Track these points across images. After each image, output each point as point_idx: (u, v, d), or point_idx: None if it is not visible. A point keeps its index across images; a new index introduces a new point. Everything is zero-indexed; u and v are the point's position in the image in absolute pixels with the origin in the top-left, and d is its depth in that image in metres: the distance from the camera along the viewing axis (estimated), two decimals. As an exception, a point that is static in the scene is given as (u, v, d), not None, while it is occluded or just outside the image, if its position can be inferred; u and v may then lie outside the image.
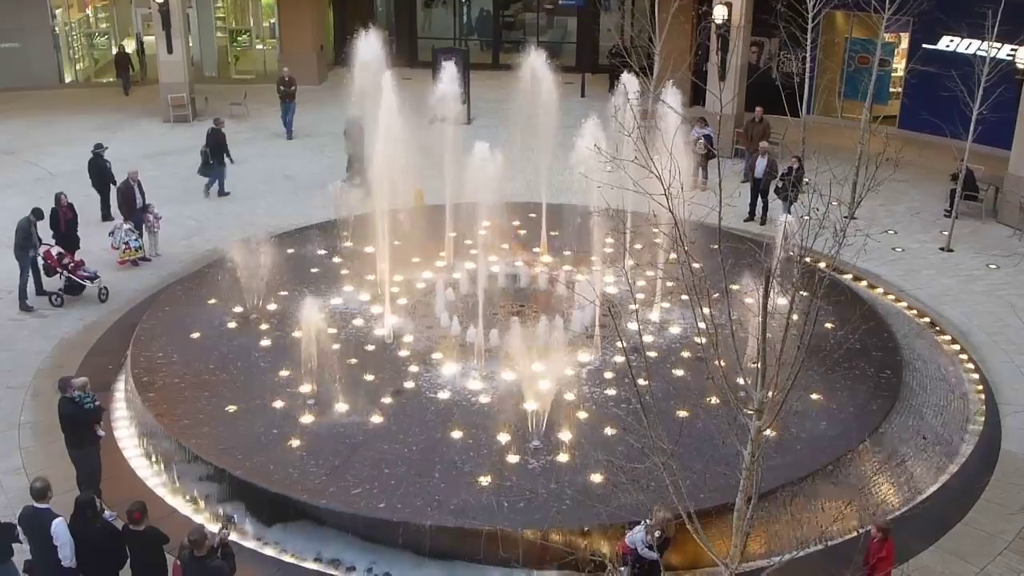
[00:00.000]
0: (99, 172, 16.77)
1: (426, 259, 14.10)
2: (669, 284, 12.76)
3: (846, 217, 5.92)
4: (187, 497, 9.83)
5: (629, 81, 13.42)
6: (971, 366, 12.86)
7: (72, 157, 19.00)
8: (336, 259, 14.33)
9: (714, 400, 10.00)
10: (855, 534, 8.99)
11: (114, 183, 16.50)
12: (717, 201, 5.50)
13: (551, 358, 10.65)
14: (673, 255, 7.13)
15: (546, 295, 12.85)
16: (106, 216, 16.77)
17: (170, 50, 22.96)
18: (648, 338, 12.01)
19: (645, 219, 6.47)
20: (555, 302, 12.73)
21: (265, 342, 12.12)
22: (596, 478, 9.37)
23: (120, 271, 15.03)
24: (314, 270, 13.93)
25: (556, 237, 14.66)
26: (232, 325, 12.52)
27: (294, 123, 22.50)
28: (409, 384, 11.16)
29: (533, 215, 15.14)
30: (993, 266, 15.71)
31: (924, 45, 21.95)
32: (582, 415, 10.45)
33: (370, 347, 12.01)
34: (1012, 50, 17.37)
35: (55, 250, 14.25)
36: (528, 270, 13.37)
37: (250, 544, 9.15)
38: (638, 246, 9.77)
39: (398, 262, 13.29)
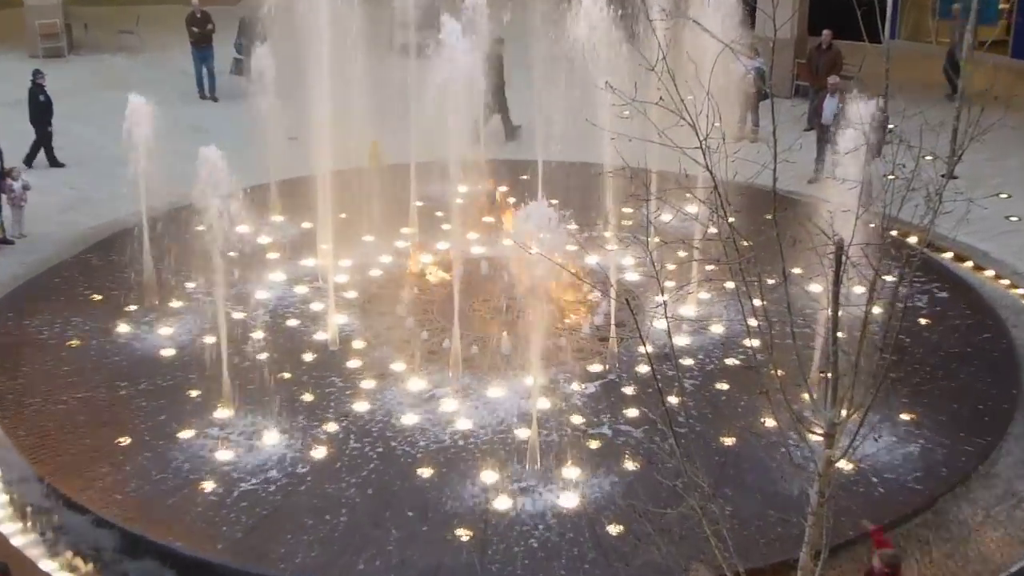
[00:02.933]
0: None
1: (383, 237, 14.37)
2: (708, 268, 12.73)
3: (943, 176, 5.99)
4: (67, 560, 9.88)
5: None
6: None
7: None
8: (263, 238, 14.51)
9: (769, 422, 10.16)
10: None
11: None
12: (771, 156, 5.59)
13: (551, 369, 10.87)
14: (713, 229, 6.94)
15: (543, 284, 11.83)
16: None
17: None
18: (681, 341, 12.11)
19: (675, 181, 6.58)
20: (556, 294, 12.70)
21: (168, 351, 12.27)
22: (613, 528, 9.53)
23: (-31, 258, 14.87)
24: (232, 254, 13.53)
25: (557, 206, 14.21)
26: (123, 329, 12.65)
27: (217, 79, 22.14)
28: (360, 406, 11.34)
29: (526, 176, 15.44)
30: None
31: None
32: (593, 444, 10.59)
33: (309, 357, 12.24)
34: None
35: None
36: (518, 251, 12.80)
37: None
38: (666, 217, 9.14)
39: (346, 242, 13.58)
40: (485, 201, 15.18)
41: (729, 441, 10.50)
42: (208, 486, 10.11)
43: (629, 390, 11.40)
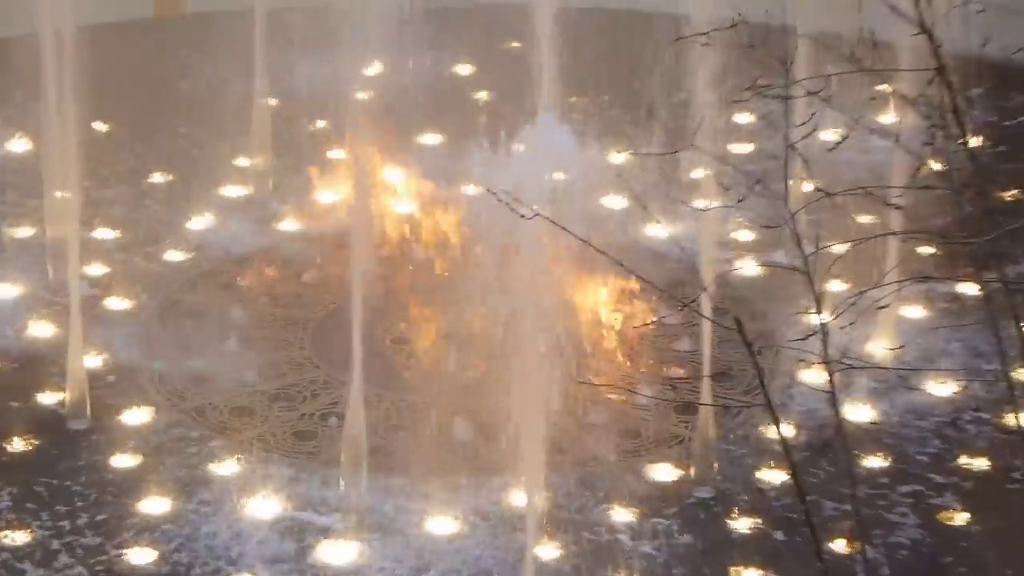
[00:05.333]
0: None
1: (193, 179, 13.12)
2: (922, 252, 11.38)
3: None
4: None
5: None
6: None
7: None
8: None
9: None
10: None
11: None
12: None
13: (567, 478, 9.98)
14: (933, 163, 5.54)
15: (552, 287, 10.95)
16: None
17: None
18: (861, 411, 10.74)
19: (846, 54, 5.38)
20: (580, 309, 11.74)
21: None
22: None
23: None
24: None
25: (581, 109, 14.50)
26: None
27: None
28: (141, 556, 9.67)
29: (515, 43, 14.43)
30: None
31: None
32: None
33: (24, 444, 10.43)
34: None
35: None
36: (496, 211, 10.14)
37: None
38: (829, 134, 8.85)
39: (106, 186, 12.67)
40: (425, 101, 13.94)
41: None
42: None
43: (743, 525, 9.85)
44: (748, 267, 12.34)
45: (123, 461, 10.40)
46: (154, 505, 10.11)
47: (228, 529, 10.09)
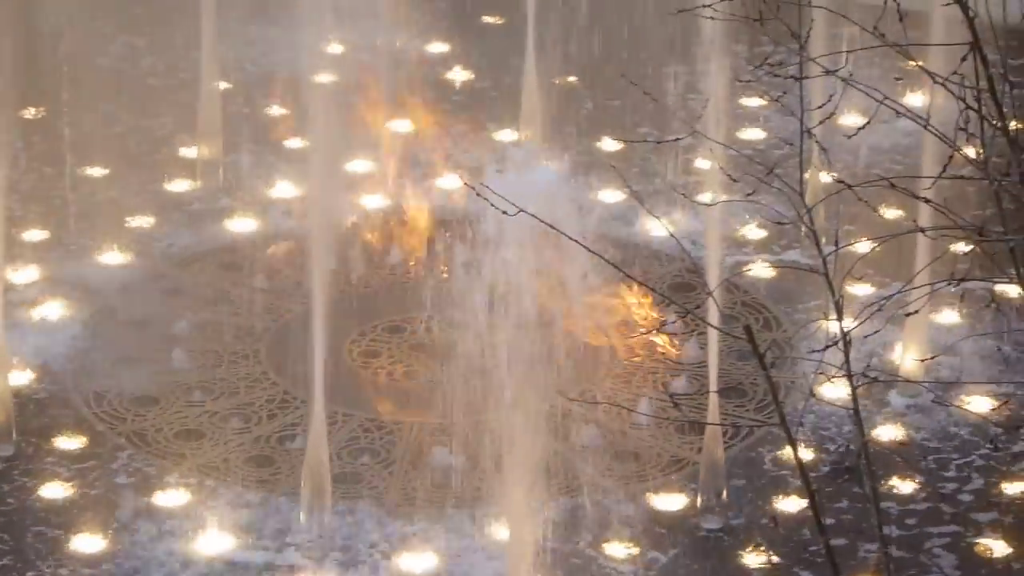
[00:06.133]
0: None
1: (128, 179, 12.81)
2: (956, 251, 8.82)
3: None
4: None
5: None
6: None
7: None
8: None
9: None
10: None
11: None
12: None
13: (558, 505, 9.79)
14: (968, 149, 5.39)
15: (540, 291, 10.72)
16: None
17: None
18: (887, 430, 10.73)
19: (874, 26, 5.35)
20: (572, 315, 11.48)
21: None
22: None
23: None
24: None
25: (580, 90, 14.63)
26: None
27: None
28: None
29: (497, 18, 14.82)
30: None
31: None
32: None
33: None
34: None
35: None
36: (478, 208, 10.39)
37: None
38: (851, 123, 7.94)
39: (35, 193, 12.60)
40: (394, 83, 13.57)
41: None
42: None
43: (753, 561, 9.82)
44: (759, 268, 12.27)
45: (52, 491, 10.13)
46: (86, 543, 9.86)
47: (165, 569, 9.88)
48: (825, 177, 11.84)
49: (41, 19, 14.47)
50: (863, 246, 8.51)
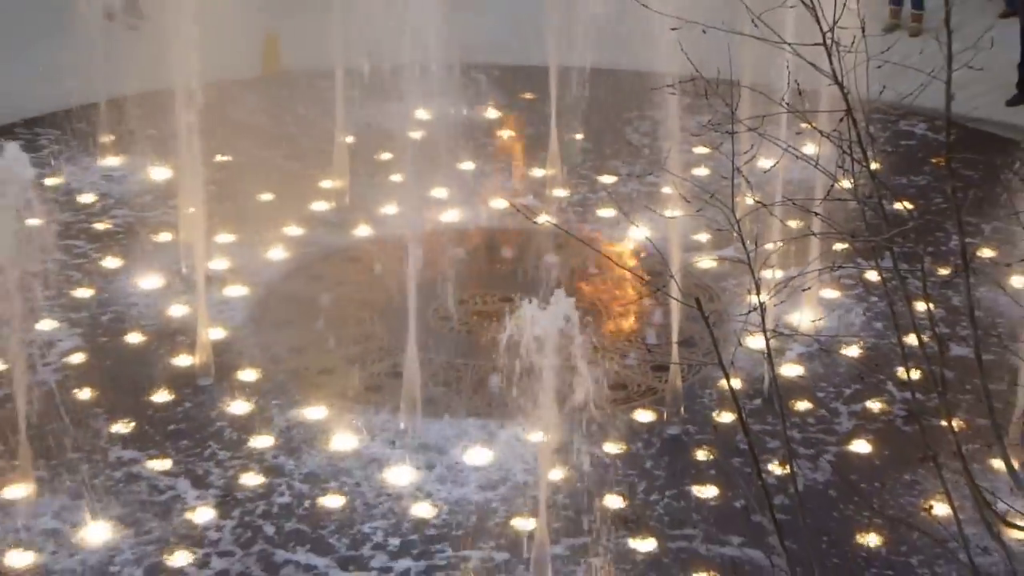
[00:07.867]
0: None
1: (289, 197, 12.60)
2: (836, 248, 10.57)
3: None
4: None
5: None
6: None
7: None
8: (85, 196, 12.41)
9: (939, 509, 7.86)
10: None
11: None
12: (943, 58, 4.58)
13: (571, 419, 9.36)
14: (844, 182, 5.62)
15: (557, 274, 11.53)
16: None
17: None
18: (790, 370, 10.47)
19: (780, 100, 5.53)
20: (579, 290, 11.37)
21: None
22: None
23: None
24: (34, 221, 10.41)
25: (582, 143, 13.98)
26: None
27: None
28: (251, 479, 9.42)
29: (531, 95, 14.14)
30: None
31: None
32: (643, 547, 8.86)
33: (162, 397, 10.20)
34: None
35: None
36: (512, 219, 12.37)
37: None
38: (765, 162, 8.70)
39: (227, 203, 12.08)
40: (467, 137, 13.66)
41: (872, 540, 8.89)
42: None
43: (701, 454, 9.81)
44: (706, 261, 12.24)
45: (238, 408, 10.26)
46: (262, 440, 9.91)
47: (312, 459, 9.40)
48: (749, 200, 11.86)
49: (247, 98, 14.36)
50: (774, 245, 9.95)
